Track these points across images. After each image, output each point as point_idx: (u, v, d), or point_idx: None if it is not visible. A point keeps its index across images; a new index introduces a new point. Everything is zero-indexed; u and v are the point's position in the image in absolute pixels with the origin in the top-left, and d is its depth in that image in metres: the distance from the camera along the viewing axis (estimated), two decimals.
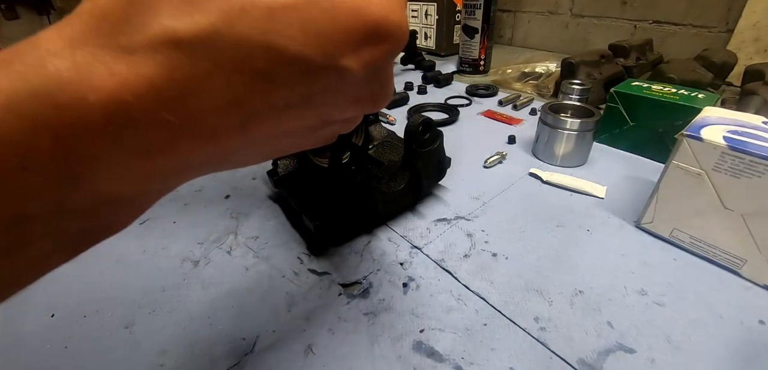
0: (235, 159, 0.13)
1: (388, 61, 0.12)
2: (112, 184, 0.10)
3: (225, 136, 0.11)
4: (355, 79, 0.11)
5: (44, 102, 0.08)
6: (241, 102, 0.10)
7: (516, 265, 0.31)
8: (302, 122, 0.12)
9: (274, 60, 0.09)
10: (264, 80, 0.10)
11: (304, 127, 0.13)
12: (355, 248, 0.33)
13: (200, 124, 0.10)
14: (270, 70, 0.10)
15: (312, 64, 0.10)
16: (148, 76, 0.08)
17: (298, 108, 0.11)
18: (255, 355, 0.24)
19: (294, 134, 0.13)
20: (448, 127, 0.59)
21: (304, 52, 0.10)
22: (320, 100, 0.12)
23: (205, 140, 0.10)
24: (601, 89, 0.64)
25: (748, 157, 0.26)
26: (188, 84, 0.09)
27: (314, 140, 0.15)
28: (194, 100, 0.09)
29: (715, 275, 0.29)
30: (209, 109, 0.10)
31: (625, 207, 0.37)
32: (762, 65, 0.59)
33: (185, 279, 0.30)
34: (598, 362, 0.23)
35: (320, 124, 0.13)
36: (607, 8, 0.96)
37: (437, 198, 0.39)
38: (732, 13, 0.77)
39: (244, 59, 0.09)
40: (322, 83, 0.11)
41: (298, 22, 0.09)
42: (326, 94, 0.12)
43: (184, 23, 0.08)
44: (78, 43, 0.08)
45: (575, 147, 0.44)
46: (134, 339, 0.25)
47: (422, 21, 1.06)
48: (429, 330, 0.25)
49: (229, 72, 0.09)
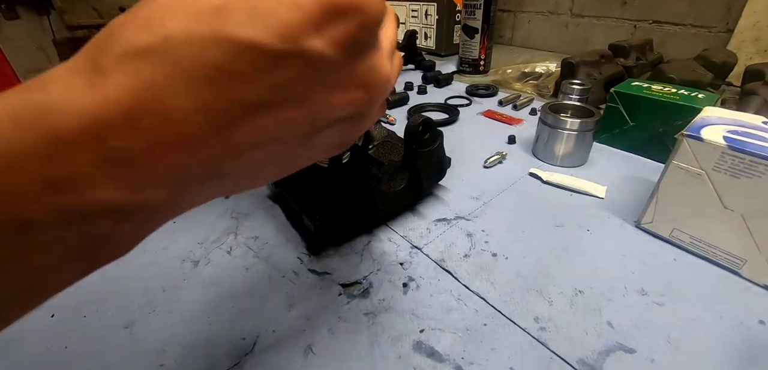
0: (234, 176, 0.13)
1: (364, 37, 0.12)
2: (103, 191, 0.10)
3: (201, 142, 0.10)
4: (330, 64, 0.11)
5: (39, 115, 0.09)
6: (208, 103, 0.10)
7: (516, 265, 0.31)
8: (288, 125, 0.12)
9: (227, 51, 0.10)
10: (224, 76, 0.10)
11: (295, 131, 0.12)
12: (355, 248, 0.33)
13: (173, 129, 0.10)
14: (226, 63, 0.10)
15: (269, 50, 0.10)
16: (120, 83, 0.09)
17: (274, 107, 0.11)
18: (255, 355, 0.24)
19: (287, 142, 0.13)
20: (448, 127, 0.59)
21: (255, 38, 0.10)
22: (298, 94, 0.11)
23: (182, 148, 0.10)
24: (601, 89, 0.64)
25: (748, 157, 0.26)
26: (154, 90, 0.10)
27: (317, 148, 0.15)
28: (162, 105, 0.10)
29: (715, 275, 0.29)
30: (177, 112, 0.10)
31: (625, 207, 0.37)
32: (762, 65, 0.59)
33: (185, 279, 0.30)
34: (598, 362, 0.23)
35: (310, 125, 0.13)
36: (607, 8, 0.96)
37: (437, 198, 0.39)
38: (732, 13, 0.77)
39: (199, 57, 0.10)
40: (291, 72, 0.11)
41: (245, 9, 0.10)
42: (302, 85, 0.11)
43: (142, 34, 0.10)
44: (74, 70, 0.10)
45: (575, 147, 0.44)
46: (134, 339, 0.25)
47: (422, 21, 1.06)
48: (429, 330, 0.25)
49: (189, 73, 0.10)
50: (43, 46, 1.70)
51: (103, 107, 0.09)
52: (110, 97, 0.09)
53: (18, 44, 1.62)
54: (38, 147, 0.09)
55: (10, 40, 1.58)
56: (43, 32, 1.69)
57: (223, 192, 0.14)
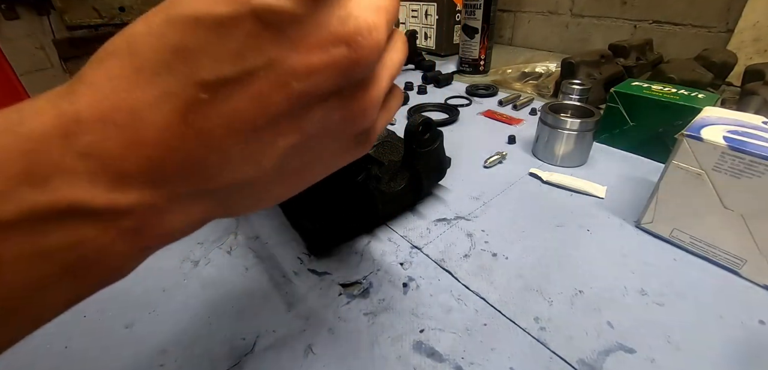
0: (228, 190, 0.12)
1: None
2: (79, 189, 0.10)
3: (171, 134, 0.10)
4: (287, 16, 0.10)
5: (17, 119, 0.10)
6: (169, 89, 0.10)
7: (516, 265, 0.31)
8: (262, 102, 0.11)
9: (179, 30, 0.10)
10: (178, 57, 0.10)
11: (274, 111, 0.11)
12: (355, 248, 0.33)
13: (143, 122, 0.10)
14: (179, 43, 0.10)
15: (215, 18, 0.09)
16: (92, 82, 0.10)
17: (239, 82, 0.10)
18: (255, 355, 0.24)
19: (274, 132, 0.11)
20: (448, 127, 0.59)
21: (200, 8, 0.10)
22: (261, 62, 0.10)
23: (155, 142, 0.10)
24: (601, 89, 0.64)
25: (748, 157, 0.26)
26: (123, 84, 0.10)
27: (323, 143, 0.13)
28: (131, 98, 0.10)
29: (715, 275, 0.29)
30: (144, 104, 0.10)
31: (625, 207, 0.37)
32: (762, 65, 0.59)
33: (185, 279, 0.30)
34: (598, 362, 0.23)
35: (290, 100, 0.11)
36: (607, 8, 0.96)
37: (437, 198, 0.39)
38: (732, 13, 0.77)
39: (157, 44, 0.10)
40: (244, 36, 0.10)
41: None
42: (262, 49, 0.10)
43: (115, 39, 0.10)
44: (63, 86, 0.10)
45: (575, 147, 0.44)
46: (134, 339, 0.25)
47: (422, 21, 1.06)
48: (429, 330, 0.25)
49: (151, 63, 0.10)
50: (43, 46, 1.70)
51: (73, 105, 0.10)
52: (83, 95, 0.10)
53: (18, 44, 1.62)
54: (12, 145, 0.09)
55: (10, 40, 1.58)
56: (43, 32, 1.69)
57: (223, 209, 0.13)
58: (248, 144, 0.11)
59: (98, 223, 0.10)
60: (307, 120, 0.12)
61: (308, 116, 0.12)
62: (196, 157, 0.11)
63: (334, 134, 0.13)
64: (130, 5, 1.07)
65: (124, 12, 1.06)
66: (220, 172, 0.11)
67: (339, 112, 0.12)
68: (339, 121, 0.13)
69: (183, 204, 0.12)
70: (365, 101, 0.13)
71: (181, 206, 0.12)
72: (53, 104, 0.10)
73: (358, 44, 0.11)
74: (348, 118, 0.13)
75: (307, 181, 0.15)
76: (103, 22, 1.03)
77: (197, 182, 0.11)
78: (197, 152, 0.11)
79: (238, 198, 0.13)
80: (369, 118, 0.14)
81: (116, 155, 0.10)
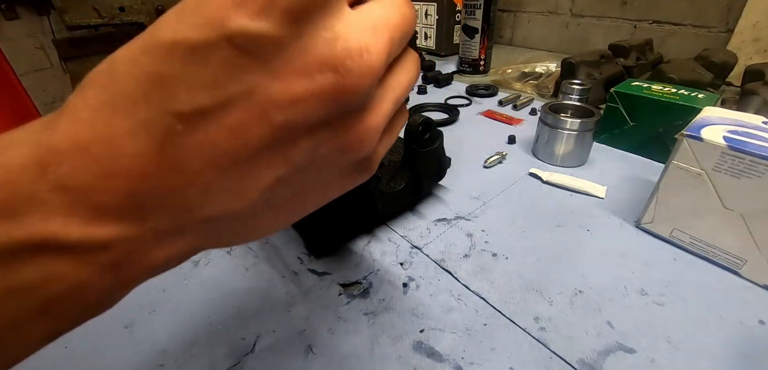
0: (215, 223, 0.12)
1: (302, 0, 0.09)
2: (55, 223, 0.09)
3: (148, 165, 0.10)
4: (266, 42, 0.09)
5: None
6: (145, 119, 0.09)
7: (516, 265, 0.31)
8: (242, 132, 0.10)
9: (155, 58, 0.09)
10: (155, 86, 0.09)
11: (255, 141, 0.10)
12: (355, 248, 0.33)
13: (119, 153, 0.09)
14: (155, 71, 0.09)
15: (190, 44, 0.09)
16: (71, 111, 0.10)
17: (217, 111, 0.10)
18: (255, 355, 0.24)
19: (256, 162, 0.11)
20: (448, 127, 0.59)
21: (176, 35, 0.09)
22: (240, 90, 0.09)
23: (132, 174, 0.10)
24: (601, 89, 0.64)
25: (748, 157, 0.26)
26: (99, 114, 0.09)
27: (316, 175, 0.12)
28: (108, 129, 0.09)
29: (715, 275, 0.29)
30: (121, 134, 0.09)
31: (625, 207, 0.37)
32: (762, 65, 0.59)
33: (185, 279, 0.30)
34: (598, 362, 0.23)
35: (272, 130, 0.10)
36: (607, 8, 0.96)
37: (437, 198, 0.39)
38: (732, 13, 0.77)
39: (136, 73, 0.09)
40: (220, 63, 0.09)
41: (175, 11, 0.09)
42: (239, 77, 0.09)
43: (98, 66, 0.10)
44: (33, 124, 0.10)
45: (575, 147, 0.44)
46: (134, 339, 0.25)
47: (422, 21, 1.06)
48: (429, 330, 0.25)
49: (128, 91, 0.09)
50: (43, 46, 1.70)
51: (50, 136, 0.09)
52: (60, 126, 0.09)
53: (18, 44, 1.62)
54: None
55: (10, 40, 1.58)
56: (43, 32, 1.69)
57: (210, 241, 0.13)
58: (229, 177, 0.10)
59: (73, 258, 0.10)
60: (294, 151, 0.11)
61: (295, 148, 0.11)
62: (175, 190, 0.10)
63: (327, 164, 0.12)
64: (130, 5, 1.07)
65: (124, 12, 1.06)
66: (202, 206, 0.11)
67: (331, 142, 0.11)
68: (331, 152, 0.12)
69: (165, 238, 0.11)
70: (361, 131, 0.12)
71: (163, 240, 0.11)
72: (32, 134, 0.10)
73: (347, 70, 0.10)
74: (341, 148, 0.12)
75: (302, 211, 0.14)
76: (103, 22, 1.03)
77: (177, 216, 0.11)
78: (175, 184, 0.10)
79: (227, 231, 0.12)
80: (367, 148, 0.12)
81: (92, 187, 0.09)
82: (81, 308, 0.11)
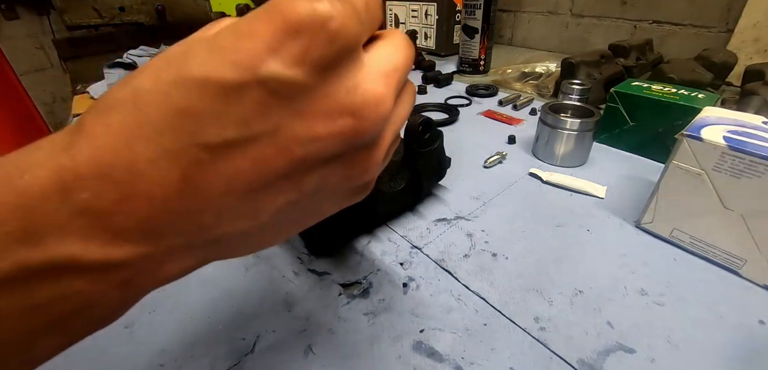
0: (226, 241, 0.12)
1: (330, 53, 0.10)
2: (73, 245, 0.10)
3: (170, 191, 0.10)
4: (295, 87, 0.10)
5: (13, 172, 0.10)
6: (171, 148, 0.10)
7: (516, 265, 0.31)
8: (264, 165, 0.11)
9: (185, 91, 0.10)
10: (184, 118, 0.10)
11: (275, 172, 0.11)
12: (355, 248, 0.33)
13: (141, 179, 0.10)
14: (185, 104, 0.10)
15: (224, 84, 0.09)
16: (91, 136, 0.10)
17: (243, 145, 0.10)
18: (255, 355, 0.24)
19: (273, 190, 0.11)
20: (448, 127, 0.59)
21: (210, 74, 0.09)
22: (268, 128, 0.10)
23: (152, 199, 0.10)
24: (601, 89, 0.64)
25: (748, 157, 0.26)
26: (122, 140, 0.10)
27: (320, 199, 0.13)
28: (130, 155, 0.10)
29: (715, 275, 0.29)
30: (144, 161, 0.10)
31: (625, 207, 0.37)
32: (762, 65, 0.59)
33: (185, 279, 0.29)
34: (598, 362, 0.23)
35: (292, 163, 0.11)
36: (607, 8, 0.96)
37: (437, 198, 0.39)
38: (732, 13, 0.77)
39: (163, 103, 0.10)
40: (252, 103, 0.10)
41: (206, 47, 0.10)
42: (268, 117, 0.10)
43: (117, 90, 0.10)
44: (63, 133, 0.10)
45: (575, 147, 0.44)
46: (134, 339, 0.25)
47: (422, 21, 1.06)
48: (429, 330, 0.25)
49: (154, 120, 0.10)
50: (43, 46, 1.70)
51: (72, 160, 0.10)
52: (82, 148, 0.10)
53: (18, 44, 1.62)
54: (10, 201, 0.09)
55: (10, 40, 1.58)
56: (43, 32, 1.69)
57: (218, 255, 0.13)
58: (245, 201, 0.11)
59: (90, 276, 0.10)
60: (307, 180, 0.12)
61: (308, 177, 0.12)
62: (193, 213, 0.11)
63: (333, 190, 0.13)
64: (130, 5, 1.07)
65: (124, 12, 1.06)
66: (216, 227, 0.11)
67: (339, 172, 0.13)
68: (339, 180, 0.13)
69: (176, 255, 0.12)
70: (367, 162, 0.13)
71: (175, 257, 0.12)
72: (52, 157, 0.10)
73: (364, 117, 0.11)
74: (349, 177, 0.13)
75: (302, 227, 0.15)
76: (103, 22, 1.03)
77: (192, 235, 0.11)
78: (194, 208, 0.11)
79: (234, 246, 0.13)
80: (370, 175, 0.14)
81: (113, 211, 0.10)
82: (91, 322, 0.11)
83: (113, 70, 0.75)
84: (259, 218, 0.12)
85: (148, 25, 1.13)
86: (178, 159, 0.10)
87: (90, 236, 0.10)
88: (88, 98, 0.74)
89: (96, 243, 0.10)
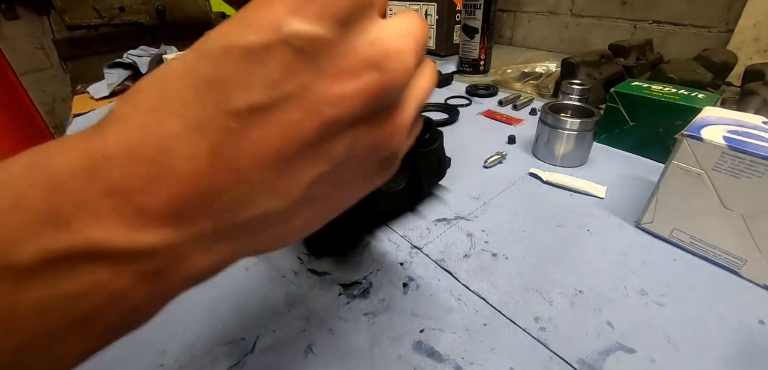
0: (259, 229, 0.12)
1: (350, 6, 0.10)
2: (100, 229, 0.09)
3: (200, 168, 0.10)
4: (318, 44, 0.10)
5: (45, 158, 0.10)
6: (199, 119, 0.10)
7: (516, 265, 0.31)
8: (292, 131, 0.10)
9: (212, 62, 0.10)
10: (211, 88, 0.10)
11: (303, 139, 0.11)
12: (355, 248, 0.33)
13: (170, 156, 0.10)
14: (212, 74, 0.10)
15: (248, 47, 0.10)
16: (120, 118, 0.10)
17: (270, 110, 0.10)
18: (255, 355, 0.24)
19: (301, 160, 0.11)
20: (448, 127, 0.59)
21: (234, 40, 0.10)
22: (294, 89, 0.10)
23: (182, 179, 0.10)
24: (601, 89, 0.64)
25: (748, 157, 0.26)
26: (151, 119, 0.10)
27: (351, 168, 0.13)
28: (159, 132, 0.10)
29: (715, 275, 0.29)
30: (172, 137, 0.10)
31: (625, 207, 0.37)
32: (762, 65, 0.59)
33: None
34: (598, 362, 0.23)
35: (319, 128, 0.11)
36: (607, 8, 0.96)
37: (437, 198, 0.39)
38: (732, 13, 0.77)
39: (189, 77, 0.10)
40: (277, 64, 0.10)
41: (232, 19, 0.10)
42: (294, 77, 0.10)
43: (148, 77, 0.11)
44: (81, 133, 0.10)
45: (575, 147, 0.44)
46: (134, 339, 0.25)
47: None
48: (429, 330, 0.25)
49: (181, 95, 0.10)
50: (43, 46, 1.70)
51: (101, 140, 0.10)
52: (110, 131, 0.10)
53: (18, 44, 1.62)
54: (38, 182, 0.09)
55: (10, 40, 1.58)
56: (43, 32, 1.69)
57: (247, 248, 0.13)
58: (276, 174, 0.11)
59: (116, 266, 0.10)
60: (336, 147, 0.12)
61: (337, 143, 0.12)
62: (223, 189, 0.10)
63: (361, 160, 0.13)
64: (130, 5, 1.07)
65: (124, 12, 1.06)
66: (247, 206, 0.11)
67: (367, 137, 0.12)
68: (366, 147, 0.13)
69: (206, 244, 0.11)
70: (392, 127, 0.13)
71: (205, 247, 0.11)
72: (82, 140, 0.10)
73: (388, 68, 0.11)
74: (376, 143, 0.13)
75: (332, 212, 0.15)
76: (103, 22, 1.03)
77: (222, 217, 0.11)
78: (225, 184, 0.10)
79: (263, 234, 0.13)
80: (395, 144, 0.14)
81: (141, 189, 0.10)
82: (119, 321, 0.11)
83: (113, 70, 0.75)
84: (290, 195, 0.12)
85: (148, 25, 1.13)
86: (206, 130, 0.10)
87: (117, 218, 0.10)
88: (88, 98, 0.74)
89: (123, 227, 0.10)
